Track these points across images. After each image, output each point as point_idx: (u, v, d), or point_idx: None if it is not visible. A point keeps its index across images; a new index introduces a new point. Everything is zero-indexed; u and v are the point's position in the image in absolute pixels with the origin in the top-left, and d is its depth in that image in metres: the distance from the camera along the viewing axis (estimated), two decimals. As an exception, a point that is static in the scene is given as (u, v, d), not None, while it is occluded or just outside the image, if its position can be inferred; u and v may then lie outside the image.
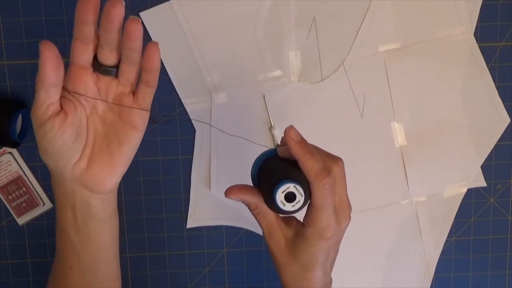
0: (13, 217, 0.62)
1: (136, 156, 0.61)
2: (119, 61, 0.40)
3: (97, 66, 0.40)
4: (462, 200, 0.65)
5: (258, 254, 0.65)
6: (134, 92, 0.42)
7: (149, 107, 0.42)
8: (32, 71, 0.60)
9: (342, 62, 0.62)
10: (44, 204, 0.62)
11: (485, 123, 0.64)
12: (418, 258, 0.65)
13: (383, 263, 0.65)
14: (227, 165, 0.62)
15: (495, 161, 0.65)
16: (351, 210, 0.44)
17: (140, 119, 0.41)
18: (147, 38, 0.60)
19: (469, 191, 0.65)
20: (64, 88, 0.39)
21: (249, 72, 0.61)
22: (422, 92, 0.63)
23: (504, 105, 0.64)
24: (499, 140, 0.64)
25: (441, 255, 0.66)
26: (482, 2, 0.62)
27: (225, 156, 0.62)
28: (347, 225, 0.44)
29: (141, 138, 0.43)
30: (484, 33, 0.63)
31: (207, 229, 0.64)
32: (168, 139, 0.62)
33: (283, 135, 0.42)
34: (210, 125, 0.60)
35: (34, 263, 0.63)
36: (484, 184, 0.65)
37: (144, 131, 0.42)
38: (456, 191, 0.65)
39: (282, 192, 0.39)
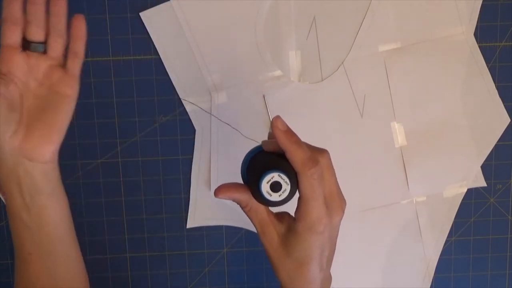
0: (13, 217, 0.62)
1: (136, 156, 0.62)
2: (47, 38, 0.44)
3: (26, 44, 0.44)
4: (462, 200, 0.65)
5: (258, 254, 0.65)
6: (63, 65, 0.46)
7: (77, 76, 0.46)
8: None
9: (342, 62, 0.62)
10: (44, 204, 0.62)
11: (485, 123, 0.64)
12: (418, 258, 0.65)
13: (383, 263, 0.65)
14: (227, 165, 0.62)
15: (495, 161, 0.65)
16: (345, 203, 0.43)
17: (69, 89, 0.45)
18: (147, 38, 0.60)
19: (469, 191, 0.65)
20: None
21: (249, 72, 0.61)
22: (422, 92, 0.63)
23: (504, 105, 0.64)
24: (499, 140, 0.64)
25: (441, 255, 0.66)
26: (482, 2, 0.62)
27: (225, 156, 0.62)
28: (341, 219, 0.42)
29: (73, 105, 0.46)
30: (484, 33, 0.63)
31: (207, 229, 0.64)
32: (168, 139, 0.62)
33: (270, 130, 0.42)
34: (211, 114, 0.60)
35: (34, 263, 0.63)
36: (484, 184, 0.65)
37: (76, 98, 0.46)
38: (456, 191, 0.65)
39: (267, 182, 0.38)
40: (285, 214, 0.44)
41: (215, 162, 0.62)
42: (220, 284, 0.65)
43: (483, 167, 0.65)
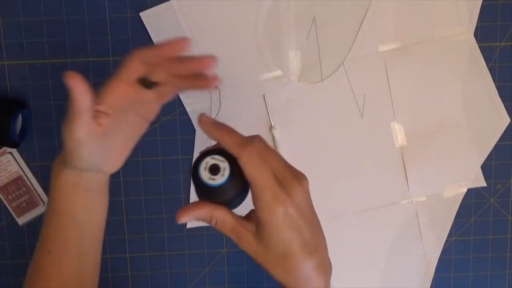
0: (13, 217, 0.62)
1: (136, 156, 0.62)
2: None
3: (145, 82, 0.43)
4: (462, 200, 0.65)
5: (258, 254, 0.65)
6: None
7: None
8: (32, 71, 0.60)
9: (342, 62, 0.62)
10: (44, 204, 0.62)
11: (485, 123, 0.64)
12: (418, 258, 0.65)
13: (383, 263, 0.65)
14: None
15: (495, 161, 0.65)
16: (303, 175, 0.40)
17: (154, 115, 0.46)
18: (147, 38, 0.60)
19: (469, 191, 0.65)
20: (98, 103, 0.42)
21: (249, 72, 0.61)
22: (422, 92, 0.63)
23: (504, 105, 0.64)
24: (499, 140, 0.64)
25: (441, 255, 0.66)
26: (482, 2, 0.62)
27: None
28: (304, 194, 0.39)
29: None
30: (484, 33, 0.63)
31: (207, 229, 0.64)
32: (168, 139, 0.62)
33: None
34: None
35: (34, 263, 0.63)
36: (484, 184, 0.65)
37: None
38: (456, 191, 0.65)
39: (205, 169, 0.38)
40: (251, 212, 0.42)
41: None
42: (220, 284, 0.65)
43: (483, 167, 0.65)
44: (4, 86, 0.60)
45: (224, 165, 0.38)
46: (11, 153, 0.60)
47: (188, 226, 0.63)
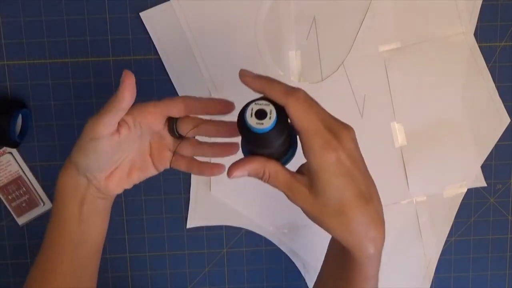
0: (13, 217, 0.62)
1: (136, 156, 0.62)
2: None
3: (172, 128, 0.45)
4: (462, 200, 0.65)
5: (258, 254, 0.65)
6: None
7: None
8: (32, 71, 0.60)
9: (342, 62, 0.62)
10: (44, 204, 0.62)
11: (485, 123, 0.64)
12: (418, 258, 0.65)
13: (383, 263, 0.65)
14: (227, 165, 0.62)
15: (495, 161, 0.65)
16: (350, 126, 0.39)
17: (162, 168, 0.47)
18: (147, 38, 0.60)
19: (469, 191, 0.65)
20: (129, 113, 0.42)
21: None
22: (422, 92, 0.63)
23: (504, 105, 0.64)
24: (499, 140, 0.64)
25: (441, 255, 0.66)
26: (482, 2, 0.62)
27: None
28: (354, 142, 0.39)
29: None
30: (484, 33, 0.63)
31: (207, 229, 0.64)
32: (168, 139, 0.62)
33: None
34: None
35: (34, 263, 0.63)
36: (484, 184, 0.65)
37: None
38: (456, 191, 0.65)
39: (251, 115, 0.37)
40: (302, 166, 0.41)
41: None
42: (220, 284, 0.65)
43: (483, 167, 0.65)
44: (4, 86, 0.60)
45: (270, 108, 0.37)
46: (11, 153, 0.60)
47: (188, 226, 0.63)
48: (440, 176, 0.64)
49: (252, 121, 0.37)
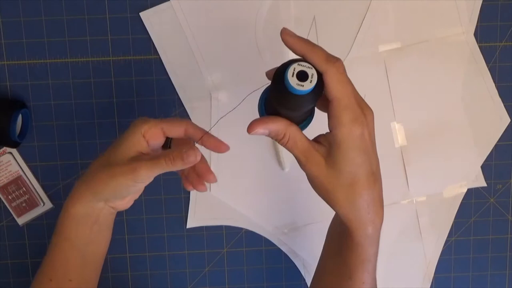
0: (13, 217, 0.62)
1: (136, 156, 0.62)
2: None
3: (166, 146, 0.47)
4: (462, 200, 0.65)
5: (258, 254, 0.65)
6: None
7: None
8: (32, 71, 0.60)
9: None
10: (44, 204, 0.62)
11: (485, 123, 0.64)
12: (418, 258, 0.65)
13: (383, 263, 0.65)
14: (227, 165, 0.62)
15: (495, 161, 0.65)
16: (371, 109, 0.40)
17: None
18: (147, 38, 0.60)
19: (469, 191, 0.65)
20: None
21: (249, 72, 0.61)
22: (422, 92, 0.63)
23: (504, 105, 0.64)
24: (499, 140, 0.64)
25: (441, 255, 0.66)
26: (482, 2, 0.62)
27: (225, 156, 0.61)
28: (373, 121, 0.40)
29: None
30: (484, 33, 0.63)
31: (207, 229, 0.64)
32: (168, 139, 0.62)
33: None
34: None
35: (34, 263, 0.63)
36: (484, 184, 0.65)
37: None
38: (456, 191, 0.65)
39: (292, 75, 0.36)
40: (320, 136, 0.42)
41: (215, 162, 0.62)
42: (220, 284, 0.65)
43: (483, 167, 0.65)
44: (4, 86, 0.60)
45: (312, 72, 0.37)
46: (11, 153, 0.60)
47: (188, 226, 0.63)
48: (440, 176, 0.64)
49: (293, 81, 0.36)
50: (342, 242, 0.43)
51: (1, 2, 0.59)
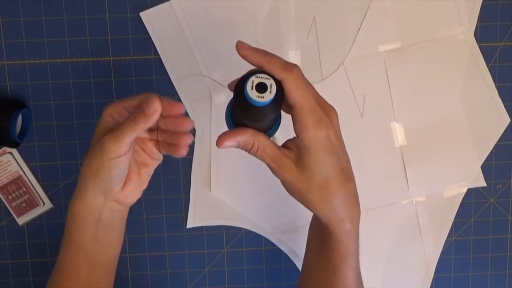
0: (13, 217, 0.62)
1: (136, 156, 0.61)
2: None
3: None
4: (462, 200, 0.65)
5: (258, 254, 0.65)
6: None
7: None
8: (32, 71, 0.60)
9: (342, 62, 0.62)
10: (44, 204, 0.62)
11: (485, 123, 0.64)
12: (418, 258, 0.65)
13: (383, 263, 0.65)
14: (227, 165, 0.62)
15: (495, 161, 0.65)
16: (333, 108, 0.41)
17: (157, 156, 0.48)
18: (147, 38, 0.60)
19: (469, 191, 0.65)
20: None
21: (249, 72, 0.61)
22: (422, 92, 0.63)
23: (504, 105, 0.64)
24: (499, 140, 0.64)
25: (441, 255, 0.66)
26: (482, 2, 0.62)
27: (225, 156, 0.62)
28: (337, 120, 0.41)
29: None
30: (484, 33, 0.63)
31: (207, 229, 0.64)
32: (168, 139, 0.62)
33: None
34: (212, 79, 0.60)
35: (34, 263, 0.63)
36: (484, 184, 0.65)
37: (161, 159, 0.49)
38: (456, 191, 0.65)
39: (251, 88, 0.37)
40: (288, 141, 0.42)
41: (215, 162, 0.62)
42: (220, 284, 0.65)
43: (483, 167, 0.65)
44: (4, 86, 0.60)
45: (270, 82, 0.37)
46: (11, 153, 0.60)
47: (188, 226, 0.63)
48: (440, 176, 0.64)
49: (252, 93, 0.37)
50: (323, 241, 0.44)
51: (1, 2, 0.59)
